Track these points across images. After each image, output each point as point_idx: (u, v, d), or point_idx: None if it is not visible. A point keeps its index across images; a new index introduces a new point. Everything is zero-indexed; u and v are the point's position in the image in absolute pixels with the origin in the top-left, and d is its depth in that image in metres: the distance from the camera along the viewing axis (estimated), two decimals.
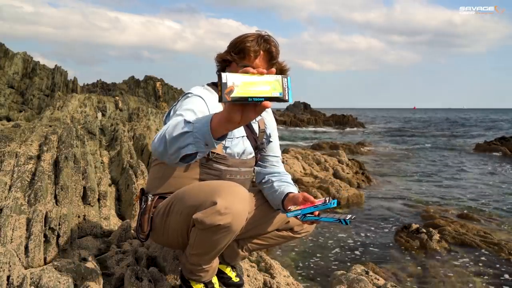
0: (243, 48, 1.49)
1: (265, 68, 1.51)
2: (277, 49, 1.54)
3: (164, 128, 1.18)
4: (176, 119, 1.20)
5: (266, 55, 1.52)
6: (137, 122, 7.06)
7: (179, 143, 1.08)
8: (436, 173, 10.13)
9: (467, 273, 3.82)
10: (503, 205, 6.68)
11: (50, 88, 18.25)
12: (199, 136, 1.05)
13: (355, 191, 6.84)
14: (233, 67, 1.53)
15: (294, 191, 1.61)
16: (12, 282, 1.54)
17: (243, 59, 1.50)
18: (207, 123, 1.03)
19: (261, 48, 1.50)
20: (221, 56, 1.57)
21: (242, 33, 1.59)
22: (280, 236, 1.72)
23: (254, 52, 1.49)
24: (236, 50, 1.51)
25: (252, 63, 1.50)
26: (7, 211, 2.06)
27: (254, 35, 1.52)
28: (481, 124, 41.60)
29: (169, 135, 1.11)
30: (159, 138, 1.16)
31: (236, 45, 1.52)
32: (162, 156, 1.15)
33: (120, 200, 3.40)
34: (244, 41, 1.50)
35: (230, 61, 1.54)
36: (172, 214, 1.48)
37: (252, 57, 1.50)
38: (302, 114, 40.56)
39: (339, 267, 3.78)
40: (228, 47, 1.56)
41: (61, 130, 3.40)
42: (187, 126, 1.08)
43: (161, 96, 29.44)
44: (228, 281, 1.82)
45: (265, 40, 1.51)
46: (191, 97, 1.47)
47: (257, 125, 1.69)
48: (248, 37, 1.51)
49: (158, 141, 1.16)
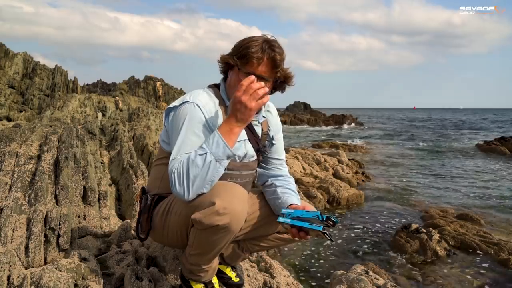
0: (247, 54, 1.45)
1: (268, 75, 1.48)
2: (282, 57, 1.49)
3: (179, 167, 1.34)
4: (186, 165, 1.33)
5: (270, 63, 1.47)
6: (137, 122, 7.06)
7: (210, 176, 1.32)
8: (436, 173, 10.14)
9: (466, 273, 3.83)
10: (503, 205, 6.68)
11: (51, 88, 18.25)
12: (221, 156, 1.30)
13: (355, 191, 6.85)
14: (236, 72, 1.50)
15: (297, 201, 1.59)
16: (13, 282, 1.54)
17: (245, 64, 1.47)
18: (222, 142, 1.29)
19: (265, 55, 1.46)
20: (224, 59, 1.53)
21: (243, 35, 1.56)
22: (280, 239, 1.72)
23: (258, 59, 1.45)
24: (239, 55, 1.47)
25: (255, 69, 1.46)
26: (7, 211, 2.06)
27: (259, 40, 1.48)
28: (480, 125, 41.61)
29: (192, 169, 1.31)
30: (182, 177, 1.33)
31: (240, 50, 1.47)
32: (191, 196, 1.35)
33: (120, 200, 3.40)
34: (249, 46, 1.46)
35: (232, 65, 1.51)
36: (171, 214, 1.48)
37: (255, 64, 1.46)
38: (302, 114, 40.57)
39: (339, 267, 3.78)
40: (233, 49, 1.52)
41: (62, 130, 3.41)
42: (204, 154, 1.31)
43: (161, 96, 29.45)
44: (228, 281, 1.82)
45: (270, 46, 1.47)
46: (189, 108, 1.45)
47: (260, 128, 1.67)
48: (253, 42, 1.47)
49: (183, 181, 1.33)
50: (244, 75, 1.45)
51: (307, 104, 47.89)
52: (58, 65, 19.31)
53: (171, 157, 1.38)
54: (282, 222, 1.42)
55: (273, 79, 1.51)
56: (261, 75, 1.46)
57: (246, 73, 1.45)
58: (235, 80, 1.49)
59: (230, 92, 1.54)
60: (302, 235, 1.39)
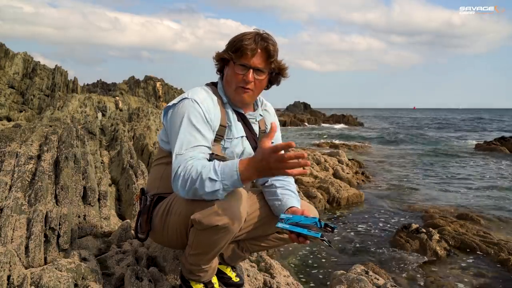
0: (241, 47, 1.48)
1: (263, 66, 1.51)
2: (275, 47, 1.52)
3: (188, 172, 1.32)
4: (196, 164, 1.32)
5: (264, 54, 1.50)
6: (137, 122, 7.07)
7: (210, 197, 1.30)
8: (436, 173, 10.14)
9: (466, 273, 3.83)
10: (503, 205, 6.68)
11: (51, 88, 18.24)
12: (229, 186, 1.27)
13: (355, 191, 6.85)
14: (231, 66, 1.52)
15: (297, 203, 1.58)
16: (13, 282, 1.54)
17: (240, 57, 1.49)
18: (237, 175, 1.25)
19: (258, 47, 1.49)
20: (219, 55, 1.56)
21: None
22: (280, 239, 1.72)
23: (251, 50, 1.48)
24: (233, 49, 1.50)
25: (249, 61, 1.49)
26: (7, 211, 2.06)
27: (252, 33, 1.51)
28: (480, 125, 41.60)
29: (198, 186, 1.29)
30: (186, 184, 1.32)
31: (234, 44, 1.51)
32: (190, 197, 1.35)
33: (120, 200, 3.40)
34: (242, 39, 1.49)
35: (228, 60, 1.53)
36: (171, 214, 1.48)
37: (249, 55, 1.48)
38: (302, 114, 40.56)
39: (339, 267, 3.78)
40: (227, 46, 1.55)
41: (62, 130, 3.41)
42: (214, 180, 1.27)
43: (161, 96, 29.45)
44: (228, 281, 1.82)
45: (263, 38, 1.50)
46: (188, 104, 1.46)
47: (258, 126, 1.69)
48: (246, 36, 1.50)
49: (185, 187, 1.32)
50: (240, 67, 1.49)
51: (307, 104, 47.88)
52: (58, 65, 19.29)
53: (176, 152, 1.38)
54: (281, 227, 1.41)
55: (268, 70, 1.54)
56: (256, 67, 1.50)
57: (242, 65, 1.49)
58: (231, 74, 1.52)
59: (227, 88, 1.57)
60: (302, 240, 1.38)
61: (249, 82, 1.50)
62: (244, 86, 1.51)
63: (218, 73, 1.62)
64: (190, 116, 1.44)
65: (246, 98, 1.55)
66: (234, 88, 1.53)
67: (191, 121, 1.43)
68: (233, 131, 1.57)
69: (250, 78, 1.50)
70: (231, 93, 1.55)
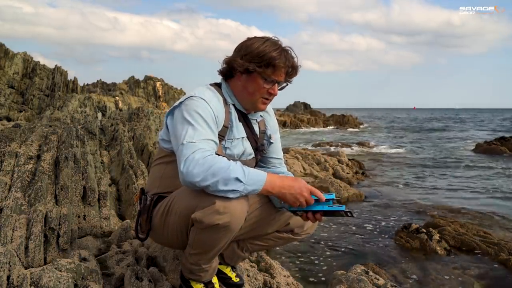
0: (274, 64, 1.48)
1: (283, 78, 1.54)
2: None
3: (209, 162, 1.28)
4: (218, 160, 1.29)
5: (291, 71, 1.55)
6: (137, 122, 7.06)
7: (225, 192, 1.28)
8: (436, 173, 10.14)
9: (466, 273, 3.82)
10: (503, 205, 6.68)
11: (50, 88, 18.23)
12: (249, 190, 1.30)
13: (355, 191, 6.85)
14: (255, 78, 1.50)
15: None
16: (12, 282, 1.54)
17: (272, 73, 1.50)
18: (262, 185, 1.30)
19: (288, 64, 1.52)
20: (240, 64, 1.50)
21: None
22: (280, 238, 1.72)
23: (286, 68, 1.51)
24: (263, 63, 1.47)
25: (280, 78, 1.53)
26: (7, 211, 2.06)
27: (277, 47, 1.49)
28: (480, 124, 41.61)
29: (221, 179, 1.26)
30: (205, 171, 1.26)
31: (262, 57, 1.47)
32: (198, 186, 1.30)
33: (120, 200, 3.40)
34: (273, 56, 1.47)
35: (250, 70, 1.50)
36: (171, 213, 1.48)
37: (283, 71, 1.52)
38: (302, 114, 40.54)
39: (339, 267, 3.78)
40: (247, 55, 1.49)
41: (61, 130, 3.41)
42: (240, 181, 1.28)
43: (161, 96, 29.45)
44: (228, 281, 1.82)
45: (290, 54, 1.52)
46: (197, 101, 1.45)
47: (258, 126, 1.69)
48: (275, 52, 1.48)
49: (202, 174, 1.26)
50: (269, 83, 1.52)
51: (307, 104, 47.85)
52: (58, 65, 19.29)
53: (186, 140, 1.34)
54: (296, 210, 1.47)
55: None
56: (281, 81, 1.56)
57: (271, 81, 1.52)
58: (256, 87, 1.52)
59: (243, 97, 1.57)
60: (318, 217, 1.44)
61: (275, 95, 1.56)
62: (268, 97, 1.56)
63: (223, 76, 1.60)
64: (200, 111, 1.43)
65: (265, 107, 1.61)
66: (257, 98, 1.55)
67: (201, 115, 1.42)
68: (234, 132, 1.57)
69: (277, 92, 1.55)
70: (250, 102, 1.57)
